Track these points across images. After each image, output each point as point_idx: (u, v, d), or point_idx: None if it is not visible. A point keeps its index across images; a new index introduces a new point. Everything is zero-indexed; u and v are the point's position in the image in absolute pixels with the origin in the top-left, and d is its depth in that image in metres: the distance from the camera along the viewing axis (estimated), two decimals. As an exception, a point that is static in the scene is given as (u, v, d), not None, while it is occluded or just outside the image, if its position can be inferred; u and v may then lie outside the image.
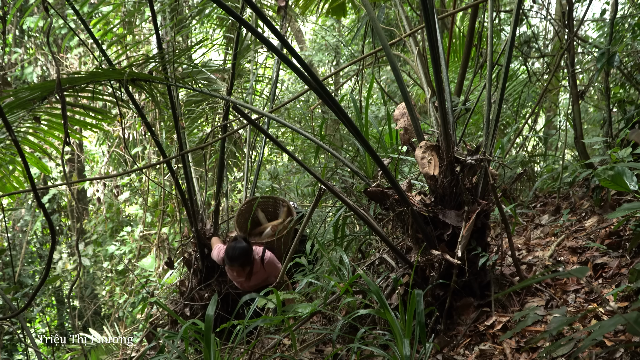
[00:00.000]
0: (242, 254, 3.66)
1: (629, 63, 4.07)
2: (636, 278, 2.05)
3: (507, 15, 6.08)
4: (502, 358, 2.12)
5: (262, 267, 3.81)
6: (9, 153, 3.58)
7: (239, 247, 3.66)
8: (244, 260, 3.66)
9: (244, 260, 3.67)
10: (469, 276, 2.46)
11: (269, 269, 3.83)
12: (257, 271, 3.82)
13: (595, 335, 1.55)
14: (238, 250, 3.65)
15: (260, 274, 3.85)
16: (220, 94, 4.54)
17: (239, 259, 3.65)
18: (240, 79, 5.48)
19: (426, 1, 2.35)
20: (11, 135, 1.86)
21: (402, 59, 4.88)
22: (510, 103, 5.14)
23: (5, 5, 5.83)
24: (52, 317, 9.47)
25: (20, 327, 4.33)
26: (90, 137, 8.70)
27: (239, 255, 3.64)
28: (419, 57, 3.57)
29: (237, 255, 3.64)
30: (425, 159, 2.53)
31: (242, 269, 3.72)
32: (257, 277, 3.86)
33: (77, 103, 4.74)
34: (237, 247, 3.67)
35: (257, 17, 2.58)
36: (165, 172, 6.98)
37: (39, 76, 7.93)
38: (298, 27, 9.37)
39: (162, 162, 5.22)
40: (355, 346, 2.13)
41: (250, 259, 3.70)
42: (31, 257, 9.19)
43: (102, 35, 4.26)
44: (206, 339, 2.00)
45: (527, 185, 4.50)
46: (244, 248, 3.66)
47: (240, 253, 3.65)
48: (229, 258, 3.66)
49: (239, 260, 3.65)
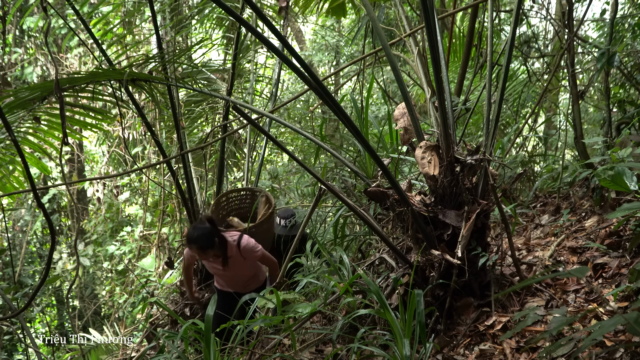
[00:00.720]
0: (202, 236, 3.30)
1: (629, 63, 4.07)
2: (636, 278, 2.05)
3: (507, 15, 6.08)
4: (502, 358, 2.12)
5: (239, 253, 3.49)
6: (9, 153, 3.57)
7: (199, 227, 3.33)
8: (203, 242, 3.31)
9: (204, 243, 3.31)
10: (469, 276, 2.46)
11: (246, 255, 3.51)
12: (233, 256, 3.49)
13: (595, 335, 1.55)
14: (197, 231, 3.31)
15: (238, 261, 3.54)
16: (220, 94, 4.54)
17: (198, 241, 3.30)
18: (240, 79, 5.49)
19: (426, 1, 2.35)
20: (11, 136, 1.86)
21: (402, 59, 4.88)
22: (510, 103, 5.14)
23: (5, 5, 5.82)
24: (52, 317, 9.47)
25: (20, 327, 4.33)
26: (90, 137, 8.70)
27: (197, 237, 3.30)
28: (419, 57, 3.56)
29: (195, 236, 3.30)
30: (425, 159, 2.53)
31: (203, 252, 3.36)
32: (236, 265, 3.55)
33: (77, 103, 4.74)
34: (197, 227, 3.34)
35: (257, 17, 2.58)
36: (165, 172, 6.99)
37: (39, 76, 7.93)
38: (298, 27, 9.37)
39: (162, 162, 5.22)
40: (355, 346, 2.13)
41: (212, 242, 3.33)
42: (31, 257, 9.19)
43: (102, 35, 4.26)
44: (206, 339, 2.00)
45: (527, 185, 4.50)
46: (204, 229, 3.32)
47: (199, 235, 3.30)
48: (188, 239, 3.35)
49: (197, 243, 3.31)
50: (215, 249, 3.37)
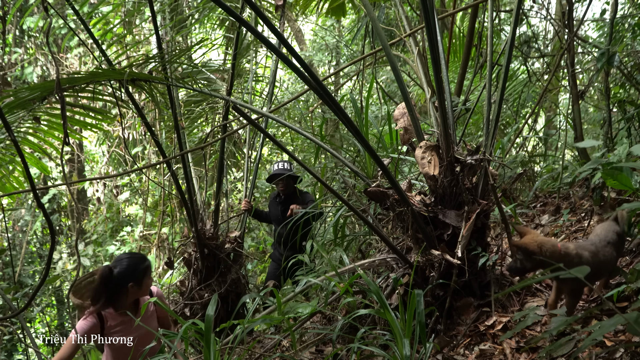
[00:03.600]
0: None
1: (629, 63, 4.07)
2: (636, 278, 2.05)
3: (507, 15, 6.08)
4: (502, 358, 2.12)
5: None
6: (9, 153, 3.57)
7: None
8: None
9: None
10: (469, 276, 2.46)
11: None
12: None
13: (595, 335, 1.55)
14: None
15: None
16: (220, 94, 4.54)
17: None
18: (240, 79, 5.49)
19: (426, 1, 2.35)
20: (10, 136, 1.86)
21: (402, 59, 4.88)
22: (510, 103, 5.15)
23: (5, 5, 5.82)
24: (52, 317, 9.47)
25: (20, 327, 4.33)
26: (90, 137, 8.70)
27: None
28: (419, 57, 3.56)
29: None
30: (425, 159, 2.53)
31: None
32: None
33: (77, 103, 4.75)
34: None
35: (257, 16, 2.58)
36: (165, 172, 6.99)
37: (39, 76, 7.93)
38: (298, 27, 9.37)
39: (162, 162, 5.22)
40: (355, 346, 2.13)
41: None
42: (31, 257, 9.19)
43: (102, 35, 4.25)
44: (206, 339, 1.99)
45: (527, 185, 4.50)
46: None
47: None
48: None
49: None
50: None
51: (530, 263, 1.98)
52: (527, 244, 1.96)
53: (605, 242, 2.07)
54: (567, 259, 1.93)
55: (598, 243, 2.06)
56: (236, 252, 4.35)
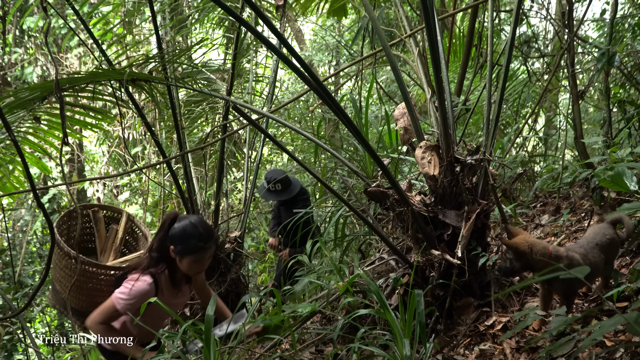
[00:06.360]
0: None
1: (629, 63, 4.07)
2: (636, 278, 2.06)
3: (507, 15, 6.08)
4: (502, 358, 2.12)
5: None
6: (9, 153, 3.57)
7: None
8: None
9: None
10: (469, 276, 2.46)
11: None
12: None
13: (595, 335, 1.55)
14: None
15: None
16: (220, 94, 4.54)
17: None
18: (240, 79, 5.49)
19: (426, 1, 2.35)
20: (10, 136, 1.86)
21: (402, 59, 4.88)
22: (510, 103, 5.15)
23: (5, 5, 5.82)
24: (52, 317, 9.46)
25: (20, 327, 4.33)
26: (90, 137, 8.70)
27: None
28: (419, 57, 3.56)
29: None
30: (425, 159, 2.53)
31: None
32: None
33: (77, 103, 4.74)
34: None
35: (257, 16, 2.58)
36: (165, 172, 6.98)
37: (39, 76, 7.93)
38: (298, 27, 9.37)
39: (162, 162, 5.22)
40: (356, 346, 2.13)
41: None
42: (31, 257, 9.18)
43: (102, 35, 4.25)
44: (206, 339, 1.99)
45: (527, 185, 4.50)
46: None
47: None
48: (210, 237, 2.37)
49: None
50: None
51: (520, 263, 1.99)
52: (518, 244, 1.97)
53: (593, 244, 2.09)
54: (557, 262, 1.93)
55: (586, 245, 2.09)
56: (236, 252, 4.34)
